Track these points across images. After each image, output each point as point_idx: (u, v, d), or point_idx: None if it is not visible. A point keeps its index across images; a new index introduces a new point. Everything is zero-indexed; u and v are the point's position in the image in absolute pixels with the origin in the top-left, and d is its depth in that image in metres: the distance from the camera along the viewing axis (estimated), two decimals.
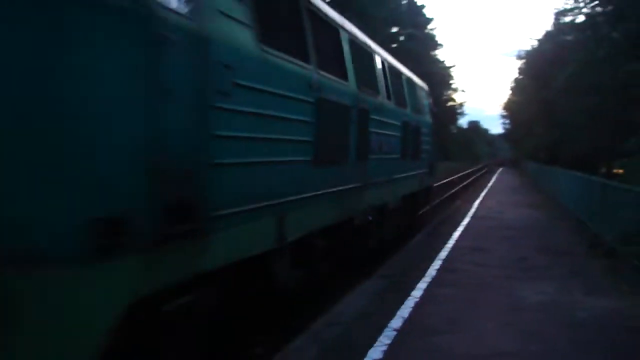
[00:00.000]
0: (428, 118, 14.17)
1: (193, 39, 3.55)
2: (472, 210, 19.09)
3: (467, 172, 50.58)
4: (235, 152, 4.11)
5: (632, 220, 10.27)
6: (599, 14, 15.97)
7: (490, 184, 35.49)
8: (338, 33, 7.01)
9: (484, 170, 66.37)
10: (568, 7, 21.06)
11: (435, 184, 18.23)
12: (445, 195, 26.16)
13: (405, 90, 11.31)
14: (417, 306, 7.04)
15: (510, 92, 77.97)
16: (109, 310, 3.02)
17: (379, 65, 9.23)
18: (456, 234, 13.26)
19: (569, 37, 22.35)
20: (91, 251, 2.87)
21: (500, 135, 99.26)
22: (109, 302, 3.02)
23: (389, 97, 9.54)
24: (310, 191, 5.75)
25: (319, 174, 5.97)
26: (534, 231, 14.26)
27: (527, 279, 8.80)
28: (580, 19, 20.73)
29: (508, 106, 77.31)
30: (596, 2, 17.23)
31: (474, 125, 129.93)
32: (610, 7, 12.23)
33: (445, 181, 31.87)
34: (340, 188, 6.84)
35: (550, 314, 6.88)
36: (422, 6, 56.02)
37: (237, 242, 4.22)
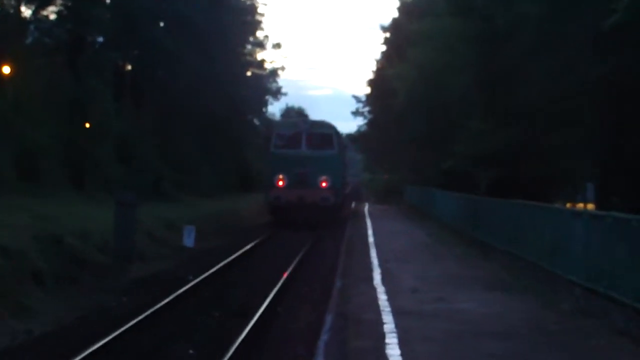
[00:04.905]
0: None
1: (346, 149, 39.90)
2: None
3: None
4: (347, 173, 40.99)
5: None
6: None
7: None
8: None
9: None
10: None
11: None
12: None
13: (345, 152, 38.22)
14: None
15: (383, 52, 44.34)
16: None
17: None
18: None
19: None
20: None
21: (350, 138, 54.43)
22: None
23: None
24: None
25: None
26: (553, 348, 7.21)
27: None
28: None
29: (376, 82, 40.00)
30: None
31: (296, 115, 70.79)
32: None
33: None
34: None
35: None
36: None
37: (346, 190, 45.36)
